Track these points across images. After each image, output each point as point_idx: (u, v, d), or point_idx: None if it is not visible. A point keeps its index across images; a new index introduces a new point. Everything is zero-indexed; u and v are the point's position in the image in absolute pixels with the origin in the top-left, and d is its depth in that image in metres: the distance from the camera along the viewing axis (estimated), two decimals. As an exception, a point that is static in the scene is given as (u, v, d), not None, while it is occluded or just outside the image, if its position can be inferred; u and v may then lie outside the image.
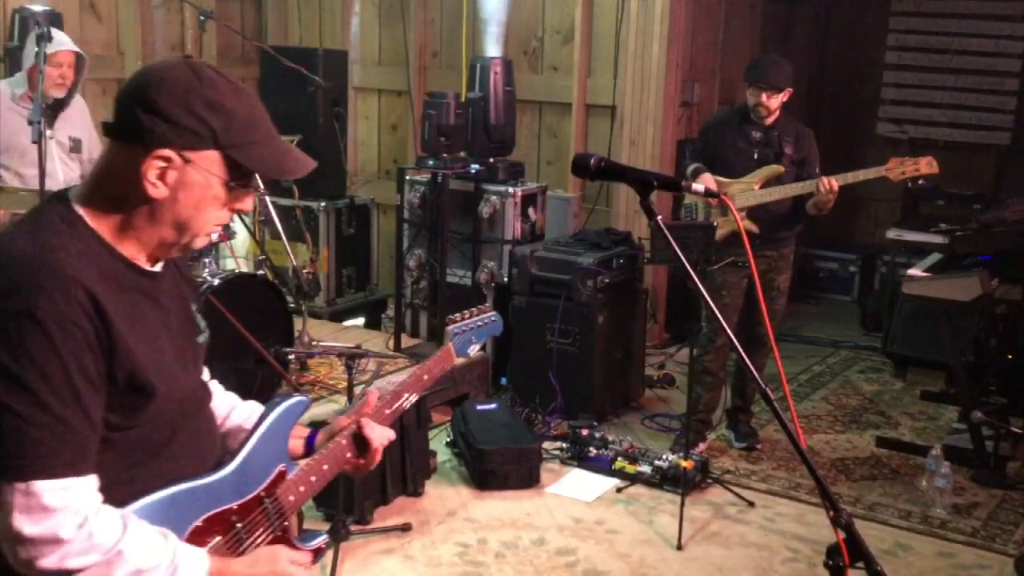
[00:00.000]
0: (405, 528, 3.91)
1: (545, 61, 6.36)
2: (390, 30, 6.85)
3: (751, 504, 4.24)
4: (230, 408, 1.84)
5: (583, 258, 5.01)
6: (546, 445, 4.64)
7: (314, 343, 5.21)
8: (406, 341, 5.72)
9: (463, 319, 2.09)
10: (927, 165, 4.39)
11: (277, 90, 6.08)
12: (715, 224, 4.42)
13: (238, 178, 1.54)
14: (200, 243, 1.59)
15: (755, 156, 4.57)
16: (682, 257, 1.81)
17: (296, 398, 1.81)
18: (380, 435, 1.84)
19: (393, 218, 6.06)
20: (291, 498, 1.73)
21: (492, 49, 6.26)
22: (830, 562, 1.58)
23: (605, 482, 4.40)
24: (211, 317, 2.88)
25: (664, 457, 4.42)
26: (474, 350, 2.07)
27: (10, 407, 1.38)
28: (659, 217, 1.81)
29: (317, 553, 1.79)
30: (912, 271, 4.84)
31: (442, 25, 6.69)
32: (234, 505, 1.64)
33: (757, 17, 6.98)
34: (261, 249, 5.30)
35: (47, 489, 1.39)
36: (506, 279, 5.38)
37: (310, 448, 1.84)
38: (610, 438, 4.62)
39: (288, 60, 5.56)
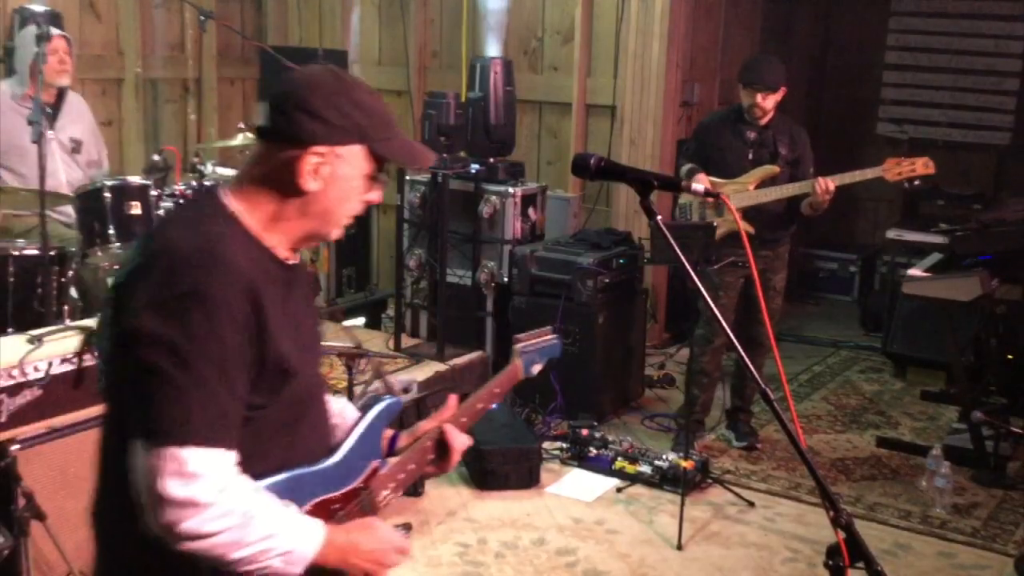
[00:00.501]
0: (405, 528, 3.90)
1: (545, 61, 6.36)
2: (390, 30, 6.85)
3: (751, 504, 4.24)
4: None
5: (583, 258, 5.01)
6: (546, 445, 4.64)
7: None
8: (406, 341, 5.72)
9: (528, 340, 2.15)
10: (923, 166, 4.39)
11: (277, 90, 6.07)
12: (715, 224, 4.42)
13: (377, 170, 1.69)
14: (337, 235, 1.73)
15: (750, 156, 4.56)
16: (682, 257, 1.81)
17: (393, 399, 1.89)
18: (461, 441, 1.92)
19: (393, 218, 6.05)
20: (384, 493, 1.81)
21: (492, 49, 6.26)
22: (830, 562, 1.59)
23: (605, 482, 4.40)
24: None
25: (664, 457, 4.42)
26: (537, 369, 2.13)
27: (171, 377, 1.48)
28: (659, 217, 1.81)
29: None
30: (912, 271, 4.84)
31: (442, 25, 6.69)
32: (337, 494, 1.73)
33: (757, 17, 6.98)
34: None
35: (193, 456, 1.48)
36: (506, 279, 5.37)
37: (392, 448, 1.91)
38: (610, 438, 4.62)
39: (288, 60, 5.54)
